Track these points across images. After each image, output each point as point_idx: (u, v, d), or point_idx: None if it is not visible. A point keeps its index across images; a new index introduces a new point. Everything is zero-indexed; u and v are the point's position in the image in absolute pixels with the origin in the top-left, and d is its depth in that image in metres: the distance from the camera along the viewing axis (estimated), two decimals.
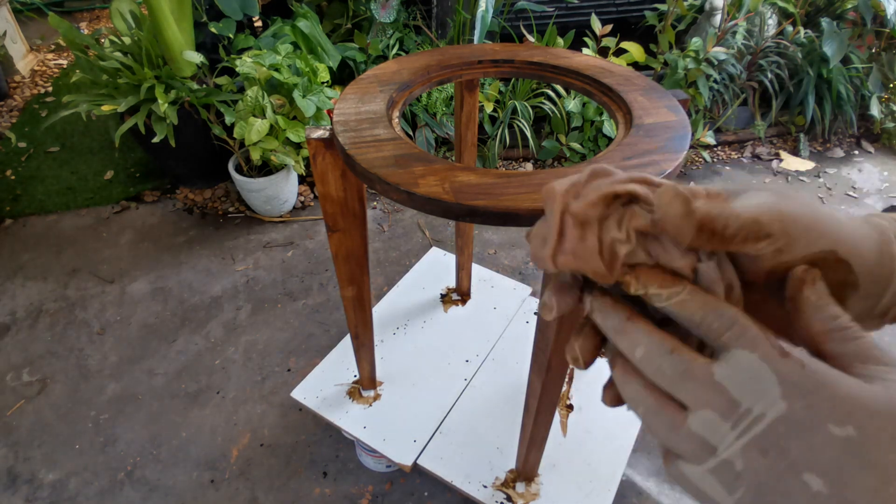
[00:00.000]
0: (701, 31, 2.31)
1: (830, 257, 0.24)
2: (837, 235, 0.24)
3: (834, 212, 0.26)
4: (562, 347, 0.73)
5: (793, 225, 0.24)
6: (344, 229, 0.86)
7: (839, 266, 0.24)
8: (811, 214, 0.24)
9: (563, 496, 1.07)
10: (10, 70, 3.03)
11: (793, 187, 0.29)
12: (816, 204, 0.25)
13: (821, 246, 0.24)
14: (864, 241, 0.25)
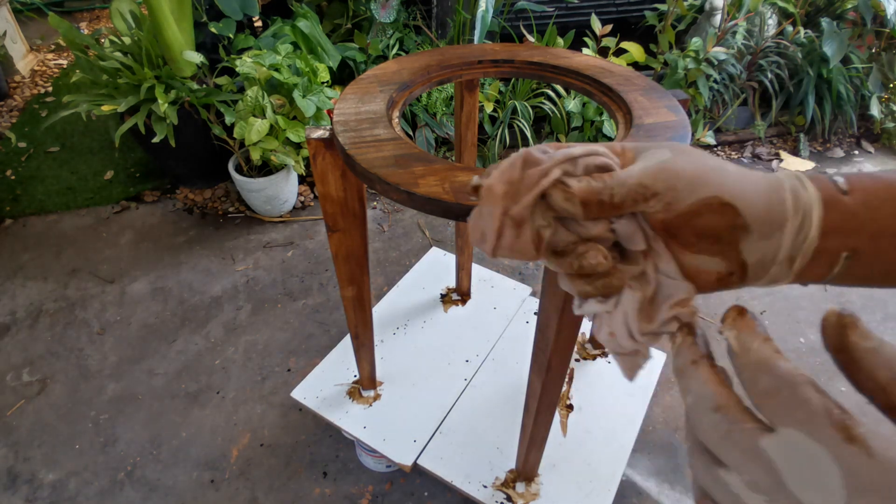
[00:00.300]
0: (701, 31, 2.31)
1: (715, 202, 0.26)
2: (721, 182, 0.26)
3: (724, 164, 0.27)
4: (562, 348, 0.73)
5: (676, 180, 0.26)
6: (344, 229, 0.86)
7: (725, 209, 0.26)
8: (694, 167, 0.27)
9: (563, 496, 1.07)
10: (10, 70, 3.03)
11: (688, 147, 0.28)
12: (705, 157, 0.28)
13: (704, 193, 0.26)
14: (750, 185, 0.27)
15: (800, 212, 0.26)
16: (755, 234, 0.27)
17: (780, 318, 1.67)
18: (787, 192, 0.27)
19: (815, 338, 1.61)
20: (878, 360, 0.21)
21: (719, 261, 0.28)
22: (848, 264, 0.27)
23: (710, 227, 0.27)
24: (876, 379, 0.21)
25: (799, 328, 1.64)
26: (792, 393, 0.20)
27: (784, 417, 0.20)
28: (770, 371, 0.22)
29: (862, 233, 0.26)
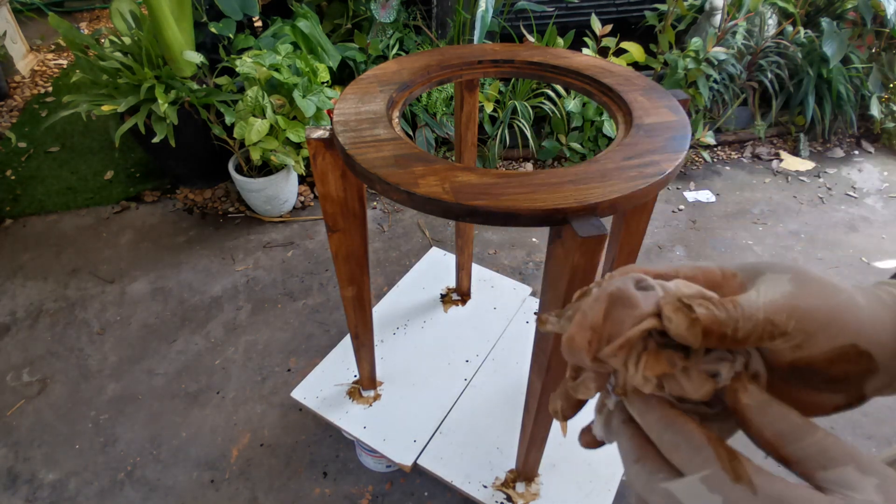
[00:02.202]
0: (701, 31, 2.31)
1: (852, 351, 0.24)
2: (857, 329, 0.24)
3: (853, 296, 0.25)
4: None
5: (810, 323, 0.24)
6: (344, 229, 0.86)
7: (861, 358, 0.24)
8: (827, 308, 0.24)
9: (563, 496, 1.07)
10: (10, 70, 3.03)
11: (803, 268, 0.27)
12: (833, 290, 0.25)
13: (840, 342, 0.24)
14: (883, 327, 0.25)
15: None
16: (882, 373, 0.25)
17: None
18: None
19: None
20: (763, 420, 0.23)
21: (839, 396, 0.26)
22: None
23: (843, 374, 0.25)
24: (762, 435, 0.23)
25: None
26: (689, 444, 0.22)
27: (687, 465, 0.22)
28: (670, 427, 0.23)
29: None
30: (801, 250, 1.93)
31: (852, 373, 0.25)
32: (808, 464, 0.22)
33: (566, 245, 0.58)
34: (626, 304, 0.24)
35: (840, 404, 0.27)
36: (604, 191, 0.60)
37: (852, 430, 1.36)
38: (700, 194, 2.20)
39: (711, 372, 0.24)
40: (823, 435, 0.22)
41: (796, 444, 0.22)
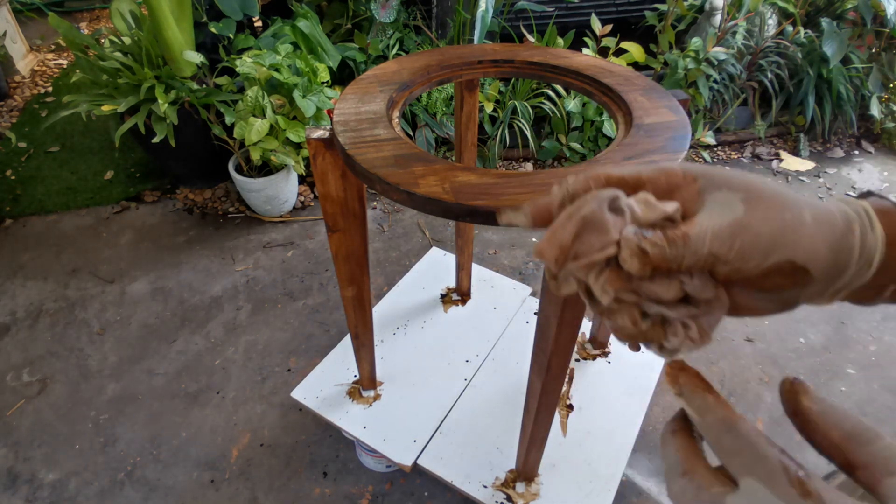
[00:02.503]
0: (701, 31, 2.31)
1: (787, 266, 0.26)
2: (795, 246, 0.26)
3: (801, 213, 0.26)
4: (562, 348, 0.73)
5: (749, 250, 0.26)
6: (344, 229, 0.86)
7: (797, 272, 0.26)
8: (770, 230, 0.26)
9: (563, 496, 1.07)
10: (10, 70, 3.03)
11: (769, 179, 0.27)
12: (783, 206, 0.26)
13: (777, 258, 0.26)
14: (822, 241, 0.26)
15: (863, 258, 0.27)
16: (818, 283, 0.27)
17: (780, 317, 1.67)
18: (856, 238, 0.27)
19: (814, 338, 1.61)
20: (829, 422, 0.24)
21: (774, 304, 0.28)
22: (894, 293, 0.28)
23: (777, 285, 0.27)
24: (830, 439, 0.23)
25: (799, 328, 1.64)
26: (752, 451, 0.22)
27: (746, 472, 0.22)
28: (731, 431, 0.23)
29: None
30: None
31: (787, 285, 0.27)
32: (876, 469, 0.22)
33: None
34: (597, 229, 0.27)
35: (774, 310, 0.29)
36: None
37: None
38: None
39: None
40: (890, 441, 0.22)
41: (865, 448, 0.22)
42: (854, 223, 0.27)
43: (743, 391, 1.46)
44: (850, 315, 1.68)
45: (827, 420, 0.24)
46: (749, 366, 1.53)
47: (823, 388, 1.47)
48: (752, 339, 1.60)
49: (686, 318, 0.28)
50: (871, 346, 1.58)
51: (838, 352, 1.57)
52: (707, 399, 0.24)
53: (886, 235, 0.27)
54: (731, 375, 1.50)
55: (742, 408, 1.42)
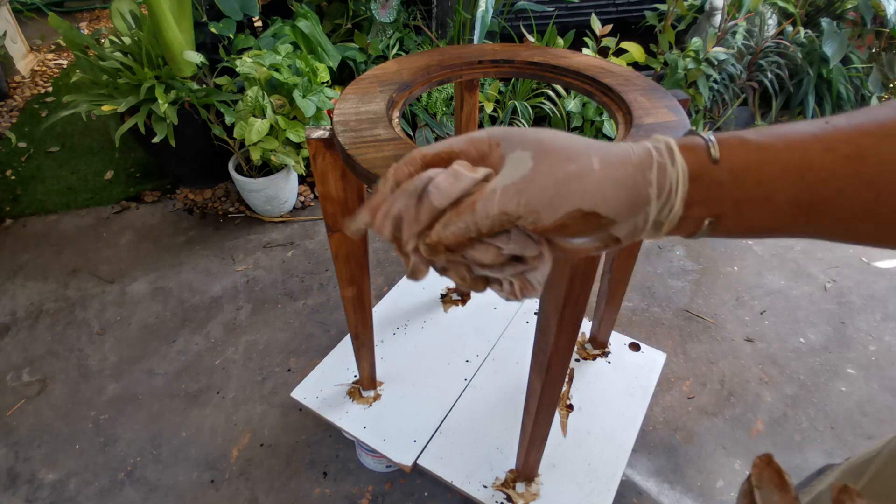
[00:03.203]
0: (701, 31, 2.31)
1: (577, 214, 0.29)
2: (582, 195, 0.28)
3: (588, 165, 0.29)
4: (562, 348, 0.73)
5: (536, 203, 0.29)
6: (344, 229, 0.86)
7: (589, 218, 0.29)
8: (553, 184, 0.29)
9: (563, 496, 1.07)
10: (10, 70, 3.03)
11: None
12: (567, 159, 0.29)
13: (565, 209, 0.29)
14: (611, 186, 0.29)
15: (664, 193, 0.29)
16: (621, 222, 0.29)
17: (780, 317, 1.67)
18: (653, 174, 0.29)
19: (814, 337, 1.61)
20: None
21: (593, 240, 0.31)
22: (713, 225, 0.30)
23: (578, 231, 0.30)
24: None
25: (799, 328, 1.64)
26: None
27: None
28: None
29: (726, 200, 0.29)
30: (800, 250, 1.93)
31: (588, 229, 0.29)
32: None
33: None
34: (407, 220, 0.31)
35: (598, 247, 0.32)
36: None
37: (852, 431, 1.36)
38: None
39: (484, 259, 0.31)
40: None
41: None
42: (650, 160, 0.29)
43: (743, 391, 1.46)
44: (850, 315, 1.68)
45: None
46: (749, 366, 1.53)
47: (823, 387, 1.47)
48: (752, 339, 1.60)
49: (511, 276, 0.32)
50: (871, 346, 1.58)
51: (838, 352, 1.57)
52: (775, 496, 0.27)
53: (691, 170, 0.28)
54: (731, 375, 1.50)
55: (742, 408, 1.42)
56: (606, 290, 1.15)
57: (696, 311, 1.70)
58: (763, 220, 0.29)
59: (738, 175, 0.28)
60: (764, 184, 0.28)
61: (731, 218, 0.29)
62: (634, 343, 1.36)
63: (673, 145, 0.29)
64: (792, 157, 0.28)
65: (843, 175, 0.27)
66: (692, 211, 0.29)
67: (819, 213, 0.28)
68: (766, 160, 0.28)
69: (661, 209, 0.29)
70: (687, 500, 1.23)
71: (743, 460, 1.31)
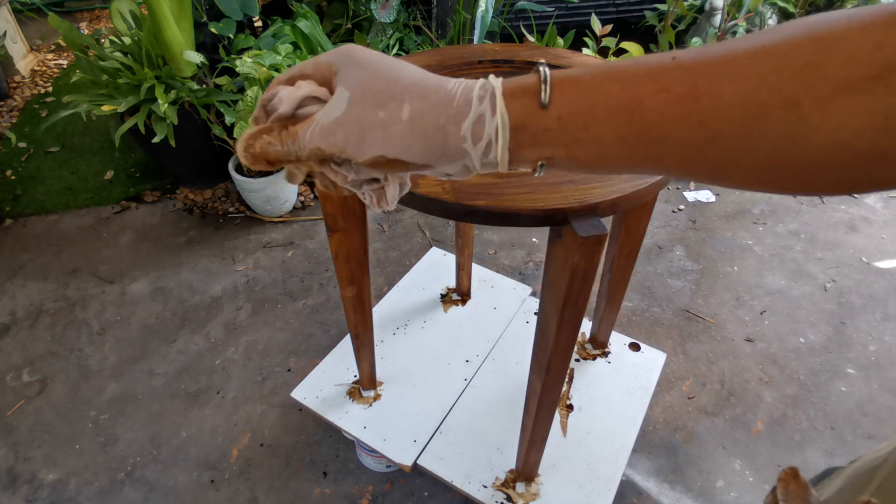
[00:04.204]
0: (701, 31, 2.31)
1: (382, 160, 0.31)
2: (384, 143, 0.30)
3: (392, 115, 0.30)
4: (562, 348, 0.73)
5: (344, 145, 0.31)
6: (344, 229, 0.86)
7: (394, 163, 0.31)
8: (359, 127, 0.31)
9: (563, 496, 1.07)
10: (10, 70, 3.03)
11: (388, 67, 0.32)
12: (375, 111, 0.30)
13: (370, 154, 0.31)
14: (413, 139, 0.30)
15: (481, 143, 0.29)
16: (438, 165, 0.31)
17: (780, 317, 1.67)
18: (466, 125, 0.29)
19: (814, 337, 1.61)
20: None
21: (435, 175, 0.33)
22: (548, 165, 0.31)
23: (392, 171, 0.32)
24: None
25: (799, 328, 1.64)
26: None
27: None
28: None
29: (556, 145, 0.29)
30: (801, 250, 1.93)
31: (397, 170, 0.32)
32: None
33: (566, 245, 0.58)
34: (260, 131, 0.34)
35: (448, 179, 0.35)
36: (604, 190, 0.60)
37: (852, 431, 1.36)
38: (700, 194, 2.20)
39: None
40: None
41: None
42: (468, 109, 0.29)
43: (743, 391, 1.46)
44: (850, 315, 1.68)
45: None
46: (749, 366, 1.53)
47: (823, 387, 1.47)
48: (752, 339, 1.60)
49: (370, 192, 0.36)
50: (871, 346, 1.58)
51: (838, 352, 1.57)
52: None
53: (514, 119, 0.29)
54: (731, 375, 1.50)
55: (742, 408, 1.42)
56: (606, 290, 1.15)
57: (696, 311, 1.70)
58: (595, 161, 0.29)
59: (566, 120, 0.28)
60: (591, 127, 0.28)
61: (563, 160, 0.30)
62: (634, 343, 1.36)
63: (497, 92, 0.29)
64: (622, 98, 0.27)
65: (673, 116, 0.26)
66: (519, 154, 0.30)
67: (650, 153, 0.28)
68: (596, 102, 0.28)
69: (483, 156, 0.30)
70: (687, 500, 1.23)
71: (743, 460, 1.31)
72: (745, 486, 1.25)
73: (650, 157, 0.28)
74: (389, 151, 0.30)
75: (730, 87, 0.25)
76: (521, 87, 0.29)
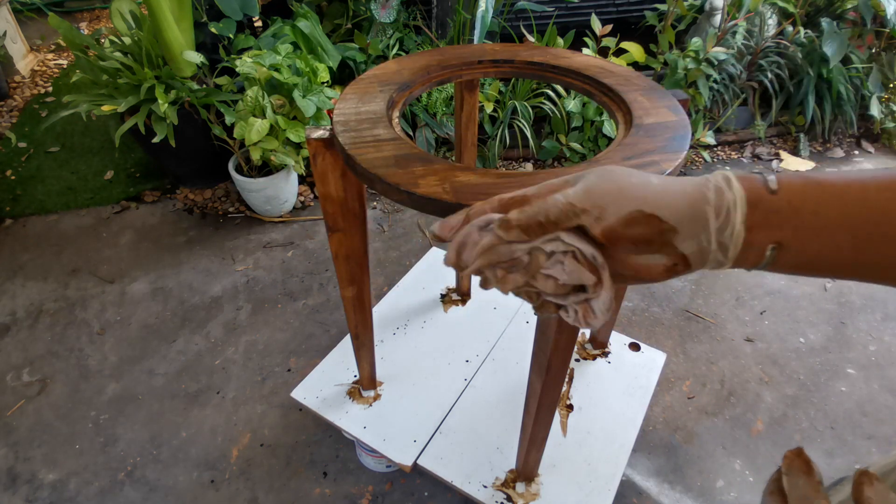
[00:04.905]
0: (701, 31, 2.31)
1: (639, 215, 0.31)
2: (643, 198, 0.31)
3: (648, 178, 0.32)
4: (562, 348, 0.73)
5: (600, 198, 0.32)
6: (344, 229, 0.86)
7: (650, 220, 0.31)
8: (616, 186, 0.32)
9: (563, 496, 1.07)
10: (10, 70, 3.03)
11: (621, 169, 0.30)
12: (630, 176, 0.32)
13: (628, 208, 0.31)
14: (671, 196, 0.31)
15: (723, 211, 0.30)
16: (683, 233, 0.31)
17: (780, 317, 1.67)
18: (710, 194, 0.31)
19: (814, 337, 1.61)
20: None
21: (661, 256, 0.33)
22: (776, 254, 0.31)
23: (641, 235, 0.32)
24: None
25: (799, 328, 1.64)
26: None
27: None
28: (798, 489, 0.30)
29: (785, 227, 0.30)
30: None
31: (650, 234, 0.32)
32: None
33: None
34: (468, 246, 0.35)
35: (668, 265, 0.33)
36: None
37: (852, 431, 1.36)
38: None
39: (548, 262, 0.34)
40: None
41: None
42: (707, 185, 0.31)
43: (743, 391, 1.46)
44: (850, 315, 1.68)
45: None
46: (749, 366, 1.53)
47: (823, 387, 1.47)
48: (752, 339, 1.60)
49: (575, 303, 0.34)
50: (871, 346, 1.58)
51: (838, 352, 1.57)
52: (800, 478, 0.30)
53: (748, 196, 0.31)
54: (731, 375, 1.50)
55: (742, 408, 1.42)
56: None
57: (696, 311, 1.70)
58: (824, 249, 0.30)
59: (796, 205, 0.30)
60: (821, 214, 0.30)
61: (793, 246, 0.31)
62: (634, 343, 1.36)
63: (729, 174, 0.31)
64: (849, 190, 0.29)
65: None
66: (753, 235, 0.31)
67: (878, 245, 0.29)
68: (824, 192, 0.30)
69: (722, 228, 0.31)
70: (687, 500, 1.23)
71: (743, 460, 1.31)
72: (746, 486, 1.25)
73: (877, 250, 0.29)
74: (647, 206, 0.31)
75: None
76: (747, 175, 0.31)
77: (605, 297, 0.34)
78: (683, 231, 0.31)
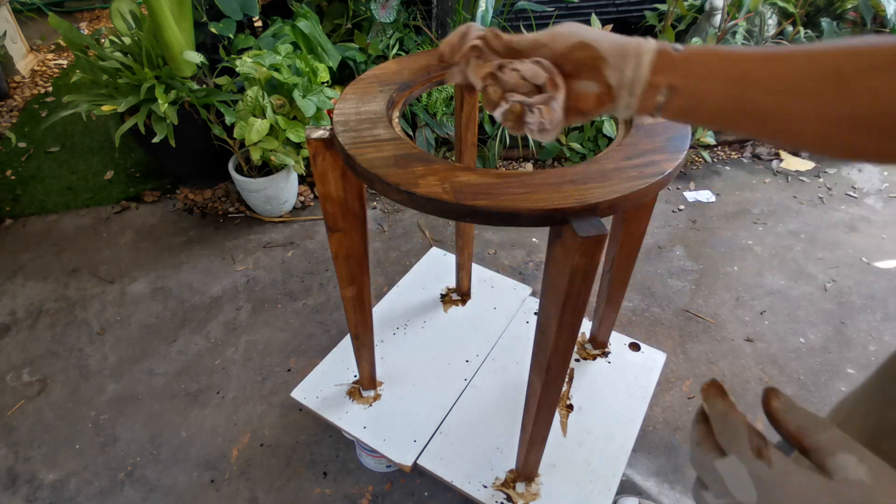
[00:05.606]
0: (701, 31, 2.31)
1: (579, 43, 0.43)
2: (586, 34, 0.43)
3: (593, 29, 0.44)
4: (562, 348, 0.73)
5: (556, 35, 0.45)
6: (344, 229, 0.86)
7: (587, 47, 0.43)
8: (568, 29, 0.45)
9: (563, 496, 1.07)
10: (10, 70, 3.03)
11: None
12: (580, 27, 0.44)
13: (573, 40, 0.44)
14: (606, 37, 0.43)
15: (639, 53, 0.41)
16: (610, 64, 0.42)
17: (780, 317, 1.67)
18: (633, 43, 0.42)
19: (814, 337, 1.61)
20: (789, 417, 0.32)
21: (594, 84, 0.44)
22: (669, 97, 0.41)
23: (580, 59, 0.43)
24: (788, 430, 0.32)
25: (799, 328, 1.64)
26: (734, 431, 0.32)
27: (728, 445, 0.33)
28: (725, 420, 0.33)
29: (679, 72, 0.40)
30: (800, 250, 1.93)
31: (586, 58, 0.43)
32: (821, 451, 0.30)
33: (566, 245, 0.58)
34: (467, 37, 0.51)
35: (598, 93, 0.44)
36: (604, 191, 0.60)
37: None
38: (700, 194, 2.20)
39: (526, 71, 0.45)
40: (833, 431, 0.30)
41: (814, 436, 0.31)
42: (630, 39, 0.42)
43: (743, 391, 1.46)
44: (850, 315, 1.68)
45: (787, 416, 0.32)
46: (749, 366, 1.53)
47: (823, 387, 1.47)
48: (752, 339, 1.60)
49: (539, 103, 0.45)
50: (871, 346, 1.58)
51: (838, 352, 1.57)
52: (717, 400, 0.34)
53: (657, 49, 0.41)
54: (731, 375, 1.50)
55: (742, 407, 1.41)
56: (606, 290, 1.15)
57: (696, 311, 1.70)
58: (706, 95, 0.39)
59: (691, 59, 0.40)
60: (708, 65, 0.39)
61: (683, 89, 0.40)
62: (634, 343, 1.36)
63: (649, 38, 0.42)
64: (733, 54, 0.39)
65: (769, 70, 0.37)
66: (654, 77, 0.41)
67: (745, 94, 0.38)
68: (715, 54, 0.40)
69: (636, 67, 0.41)
70: (687, 500, 1.23)
71: None
72: None
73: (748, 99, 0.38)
74: (586, 39, 0.43)
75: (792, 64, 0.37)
76: (660, 41, 0.42)
77: (561, 97, 0.44)
78: (610, 62, 0.42)
